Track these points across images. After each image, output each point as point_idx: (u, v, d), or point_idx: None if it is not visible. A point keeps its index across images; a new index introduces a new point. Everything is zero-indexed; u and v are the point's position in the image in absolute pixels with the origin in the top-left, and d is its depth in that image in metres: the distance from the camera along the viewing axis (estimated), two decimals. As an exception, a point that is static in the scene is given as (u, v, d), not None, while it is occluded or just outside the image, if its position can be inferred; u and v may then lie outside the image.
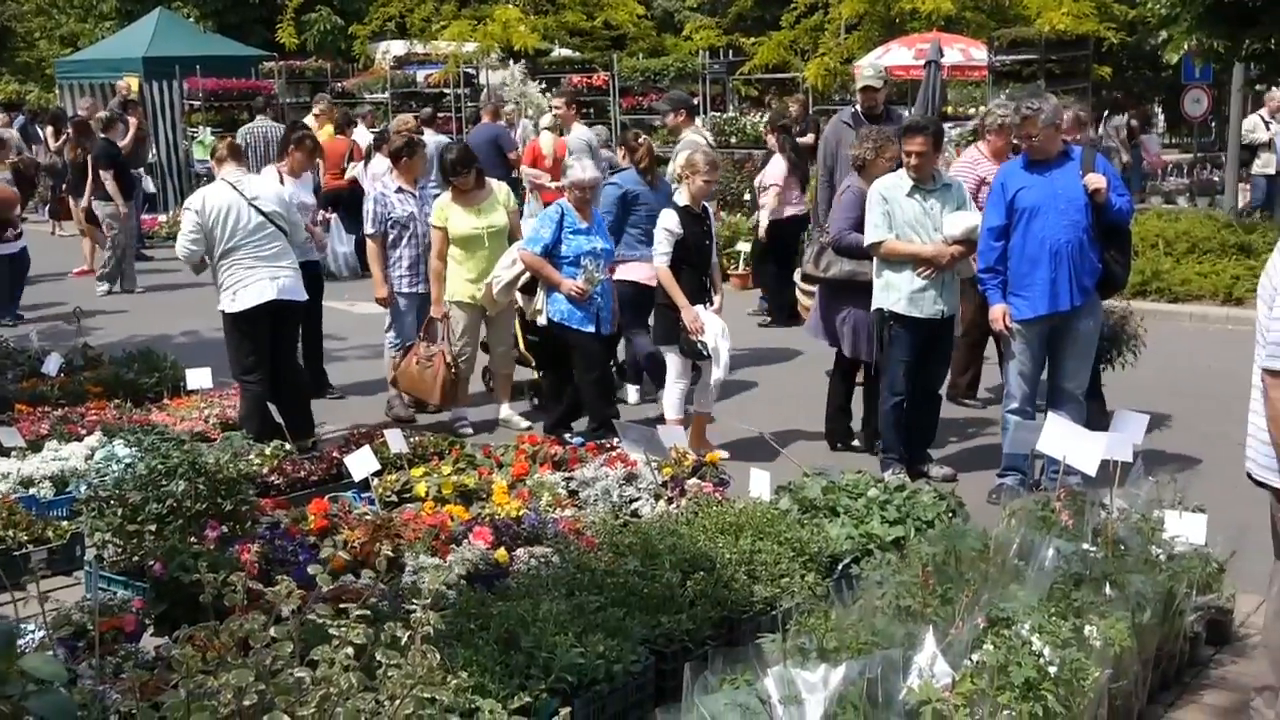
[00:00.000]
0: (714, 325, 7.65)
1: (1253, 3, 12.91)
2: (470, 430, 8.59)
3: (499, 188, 8.80)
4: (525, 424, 8.57)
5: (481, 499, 6.36)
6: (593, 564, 5.15)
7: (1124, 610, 4.35)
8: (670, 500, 6.25)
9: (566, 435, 7.91)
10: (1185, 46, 14.10)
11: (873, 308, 7.30)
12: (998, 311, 6.86)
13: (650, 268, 7.97)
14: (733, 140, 18.45)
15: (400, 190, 8.80)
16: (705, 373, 7.78)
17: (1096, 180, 6.70)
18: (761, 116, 19.29)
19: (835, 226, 7.66)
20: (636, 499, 6.29)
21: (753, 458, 7.35)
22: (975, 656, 3.77)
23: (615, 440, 7.42)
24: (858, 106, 9.34)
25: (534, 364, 8.97)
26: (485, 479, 6.62)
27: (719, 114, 19.28)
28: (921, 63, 15.44)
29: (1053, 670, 3.76)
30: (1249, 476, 4.24)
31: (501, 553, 5.41)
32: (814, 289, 8.19)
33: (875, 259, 7.23)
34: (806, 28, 20.77)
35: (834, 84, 19.22)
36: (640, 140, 9.21)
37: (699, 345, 7.57)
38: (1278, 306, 4.01)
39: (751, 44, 21.22)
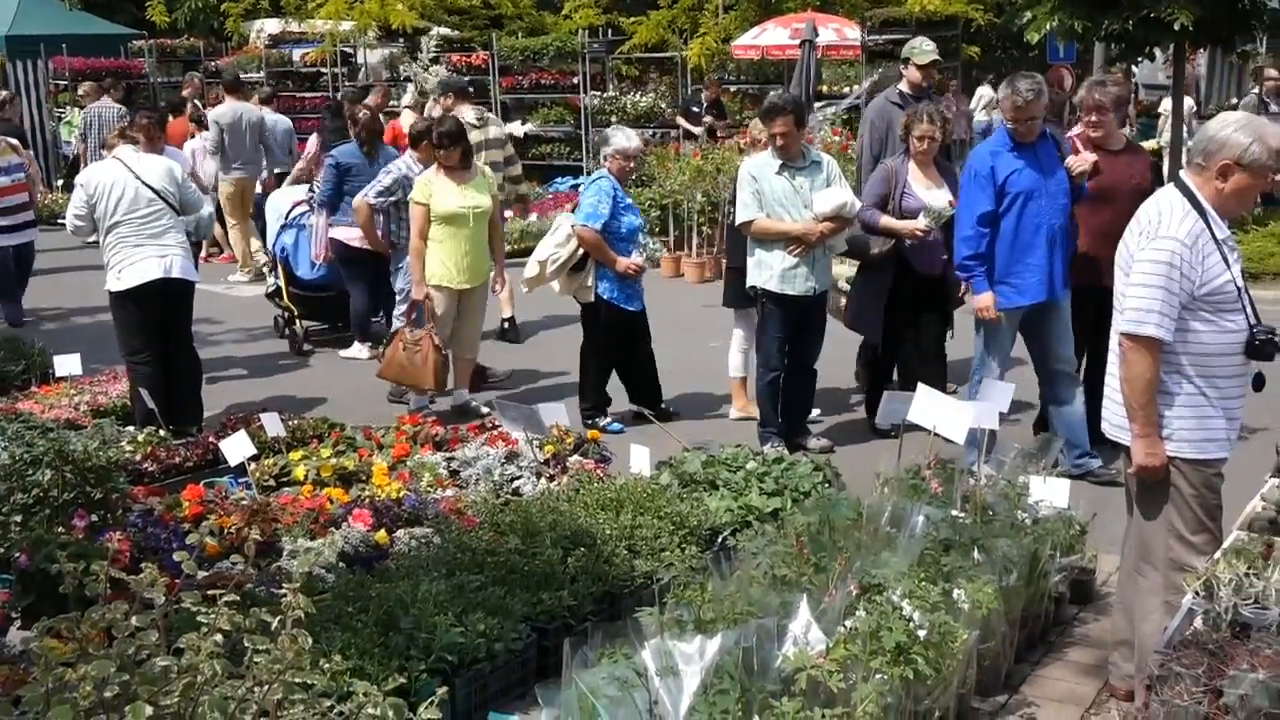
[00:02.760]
0: None
1: (1111, -16, 13.23)
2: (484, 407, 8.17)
3: (486, 169, 8.53)
4: (487, 410, 8.14)
5: (362, 481, 6.27)
6: (474, 543, 5.12)
7: (991, 574, 4.44)
8: (552, 478, 6.23)
9: (604, 422, 7.77)
10: (1047, 27, 14.38)
11: (747, 285, 7.34)
12: (986, 300, 6.59)
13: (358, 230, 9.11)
14: (612, 119, 18.42)
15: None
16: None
17: (1081, 163, 6.63)
18: (640, 95, 19.31)
19: (863, 203, 7.43)
20: (518, 477, 6.26)
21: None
22: (848, 623, 3.82)
23: (605, 420, 7.77)
24: (904, 86, 8.42)
25: (297, 313, 9.96)
26: (365, 461, 6.53)
27: (599, 93, 19.19)
28: (797, 42, 15.59)
29: (922, 634, 3.83)
30: (1104, 434, 4.38)
31: (382, 534, 5.35)
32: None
33: (748, 238, 7.25)
34: (684, 7, 20.80)
35: (713, 64, 19.28)
36: (361, 114, 9.97)
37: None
38: (1134, 274, 4.13)
39: (630, 23, 21.16)
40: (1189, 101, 18.93)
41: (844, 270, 8.32)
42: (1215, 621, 3.08)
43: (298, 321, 10.46)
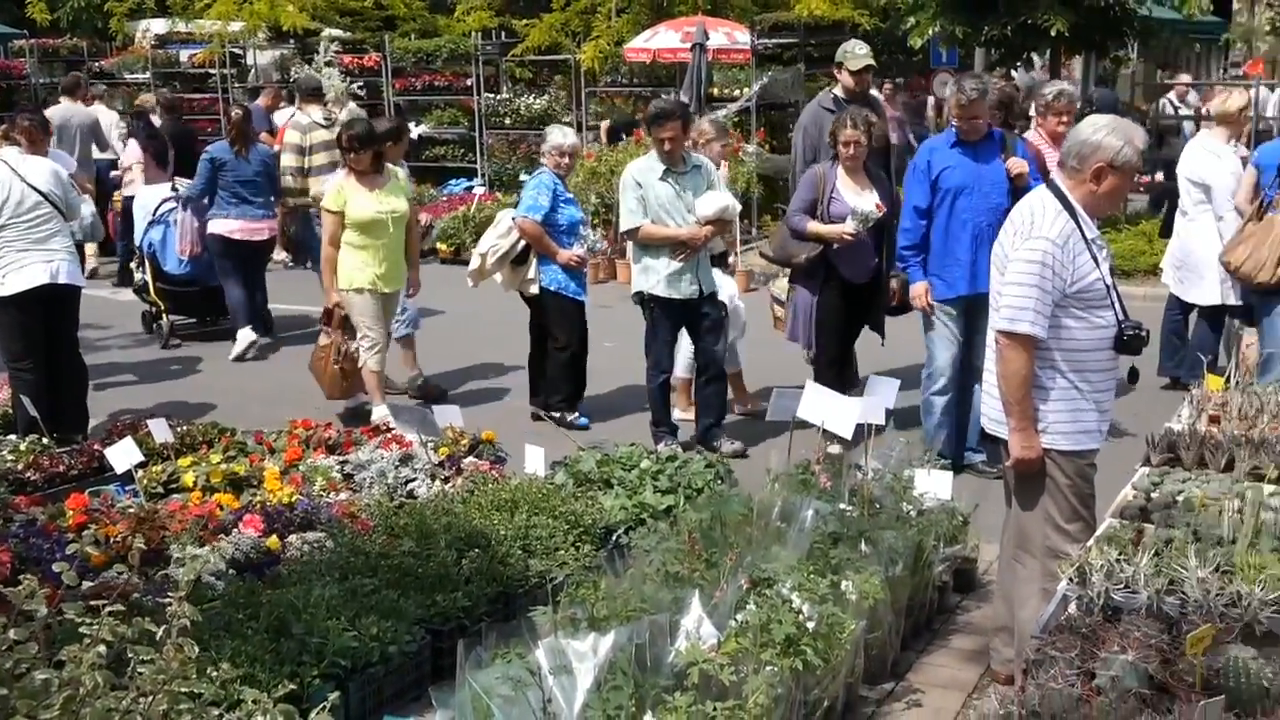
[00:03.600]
0: (728, 287, 7.80)
1: (990, -9, 13.59)
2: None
3: (400, 172, 8.33)
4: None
5: (253, 487, 6.15)
6: (367, 547, 5.06)
7: (878, 565, 4.52)
8: (447, 480, 6.18)
9: (571, 416, 7.86)
10: (930, 32, 14.69)
11: (632, 291, 7.35)
12: (919, 289, 6.83)
13: (236, 223, 9.93)
14: (507, 121, 18.37)
15: None
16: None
17: (1020, 165, 6.75)
18: (535, 98, 19.22)
19: (790, 209, 7.47)
20: (412, 480, 6.20)
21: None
22: (740, 617, 3.86)
23: (574, 416, 7.91)
24: (838, 91, 8.06)
25: (164, 308, 10.29)
26: (257, 466, 6.41)
27: (493, 95, 19.08)
28: (688, 45, 15.69)
29: (811, 625, 3.88)
30: (982, 429, 4.48)
31: (273, 540, 5.26)
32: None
33: (632, 244, 7.26)
34: (577, 10, 20.79)
35: (606, 66, 19.30)
36: (235, 115, 10.53)
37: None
38: (1009, 273, 4.24)
39: (524, 26, 21.09)
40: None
41: (783, 282, 8.28)
42: (1088, 606, 3.17)
43: (164, 316, 10.63)
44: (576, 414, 7.99)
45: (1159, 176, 15.33)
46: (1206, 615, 2.98)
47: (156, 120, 13.44)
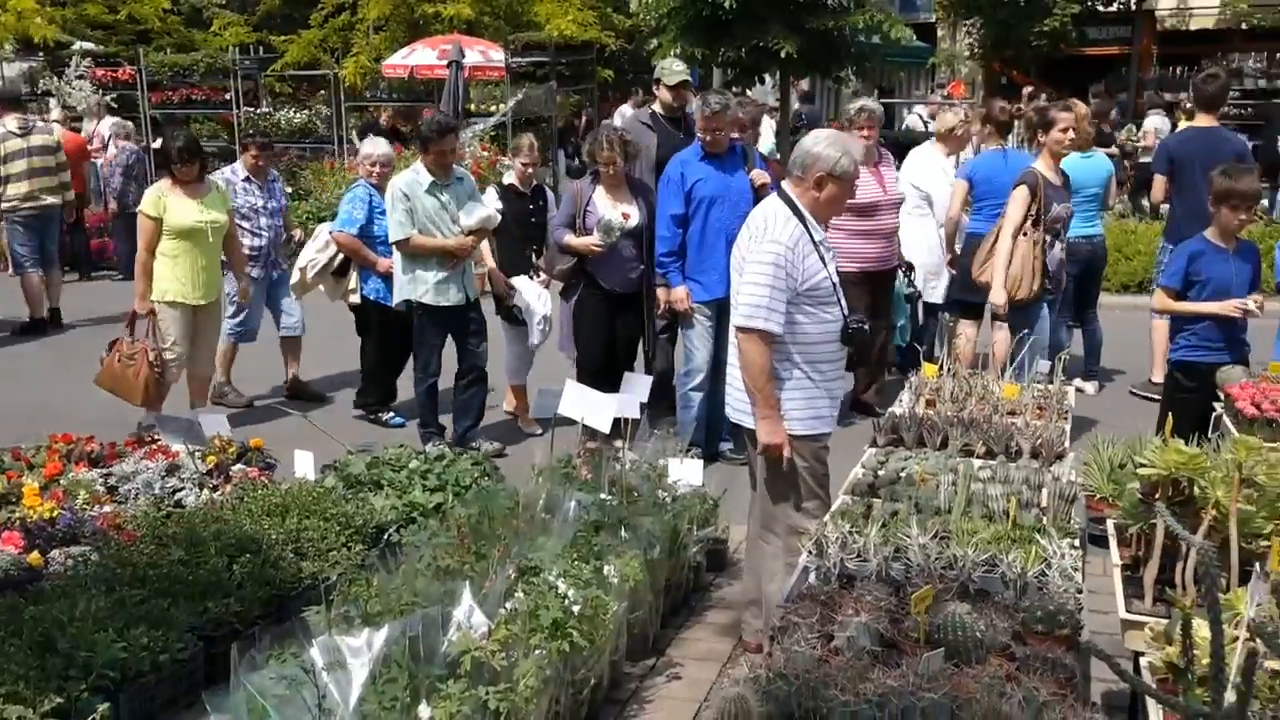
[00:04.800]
0: (530, 292, 7.60)
1: (726, 16, 13.96)
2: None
3: (220, 184, 7.92)
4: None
5: (12, 503, 5.73)
6: (135, 558, 4.79)
7: (637, 549, 4.59)
8: (215, 488, 5.93)
9: (385, 416, 8.02)
10: (672, 53, 14.99)
11: (397, 300, 7.25)
12: (680, 293, 6.92)
13: None
14: (249, 135, 17.76)
15: (248, 179, 8.39)
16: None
17: (762, 176, 6.93)
18: (295, 112, 18.67)
19: (554, 223, 7.37)
20: (180, 489, 5.92)
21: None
22: (509, 605, 3.85)
23: (389, 415, 8.05)
24: (656, 107, 7.89)
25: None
26: (15, 482, 5.98)
27: (252, 109, 18.42)
28: (445, 63, 15.55)
29: (576, 609, 3.91)
30: (728, 418, 4.63)
31: (35, 556, 4.92)
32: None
33: (400, 255, 7.12)
34: (335, 27, 20.32)
35: (366, 82, 18.92)
36: None
37: (513, 309, 7.61)
38: (746, 274, 4.38)
39: (282, 42, 20.46)
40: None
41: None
42: (826, 575, 3.31)
43: None
44: (391, 414, 8.07)
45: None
46: (928, 577, 3.16)
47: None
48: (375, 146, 8.11)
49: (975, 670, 2.65)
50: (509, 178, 7.87)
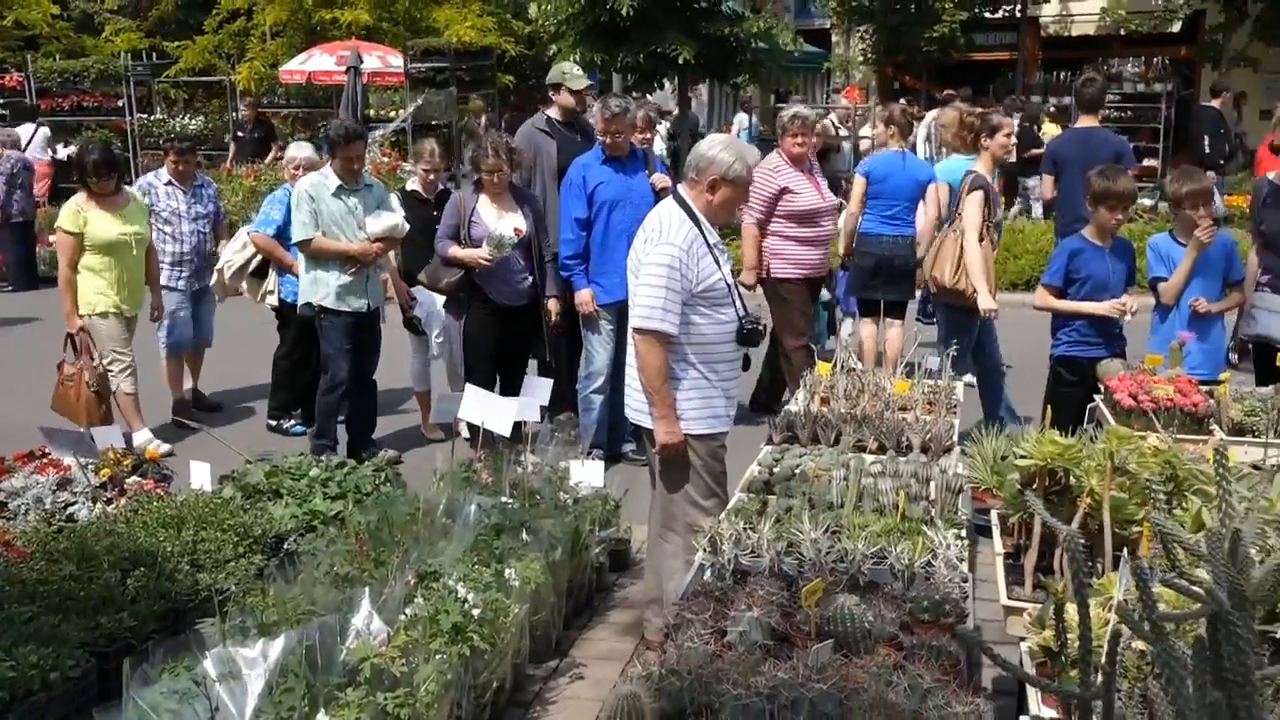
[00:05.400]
0: (431, 300, 7.52)
1: (623, 22, 14.02)
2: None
3: (137, 194, 7.71)
4: (167, 447, 7.34)
5: (-108, 523, 5.53)
6: (23, 574, 4.64)
7: (539, 551, 4.59)
8: (109, 501, 5.77)
9: (287, 424, 7.97)
10: (571, 58, 15.01)
11: (300, 302, 7.14)
12: (584, 295, 6.87)
13: None
14: (161, 141, 17.36)
15: (170, 184, 8.12)
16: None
17: (663, 180, 6.91)
18: (190, 118, 18.28)
19: (439, 235, 7.12)
20: (72, 504, 5.75)
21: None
22: (409, 611, 3.82)
23: (290, 423, 7.96)
24: (553, 113, 7.62)
25: None
26: (-104, 502, 5.76)
27: (146, 115, 17.99)
28: (343, 68, 15.36)
29: (476, 613, 3.89)
30: (627, 418, 4.65)
31: (-84, 576, 4.75)
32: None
33: (303, 257, 7.05)
34: (230, 33, 19.94)
35: (263, 88, 18.60)
36: None
37: (413, 320, 7.55)
38: (641, 276, 4.40)
39: (175, 48, 20.01)
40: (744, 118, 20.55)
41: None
42: (720, 572, 3.34)
43: None
44: (293, 421, 7.98)
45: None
46: (819, 571, 3.20)
47: None
48: (299, 150, 8.03)
49: (864, 660, 2.70)
50: (412, 184, 7.80)
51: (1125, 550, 2.86)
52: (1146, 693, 2.11)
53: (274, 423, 8.00)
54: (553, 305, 7.04)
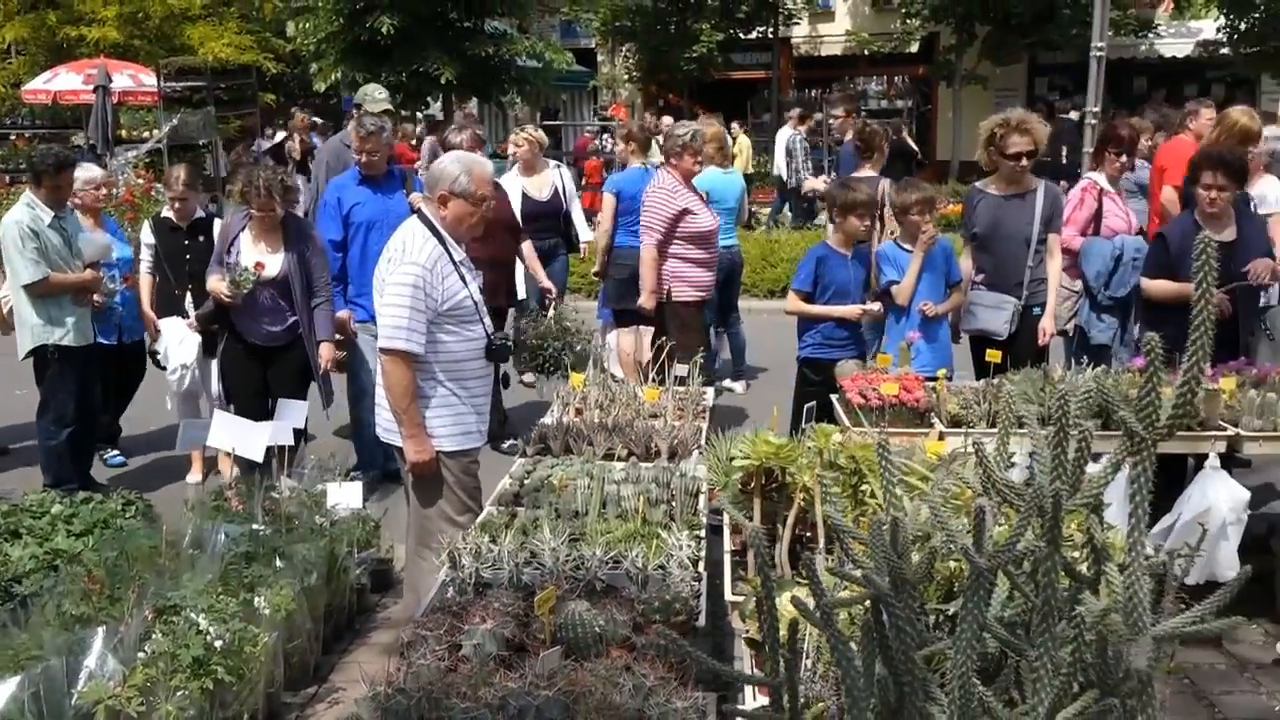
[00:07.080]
0: (174, 336, 7.00)
1: (385, 41, 13.83)
2: None
3: None
4: None
5: None
6: None
7: (292, 577, 4.46)
8: None
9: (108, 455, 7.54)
10: (333, 77, 14.72)
11: (31, 345, 6.58)
12: (344, 316, 6.68)
13: None
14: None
15: None
16: None
17: (420, 199, 6.67)
18: None
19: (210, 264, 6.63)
20: None
21: None
22: (148, 648, 3.66)
23: (110, 454, 7.54)
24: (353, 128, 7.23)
25: None
26: None
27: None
28: (91, 88, 14.59)
29: (220, 644, 3.76)
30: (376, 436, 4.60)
31: None
32: None
33: (25, 298, 6.52)
34: (-33, 50, 18.66)
35: (5, 108, 17.48)
36: None
37: (153, 354, 7.15)
38: (386, 296, 4.35)
39: (-94, 65, 18.59)
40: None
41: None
42: (461, 586, 3.33)
43: None
44: (114, 452, 7.63)
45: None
46: (557, 579, 3.23)
47: None
48: (86, 171, 7.22)
49: (594, 664, 2.74)
50: (166, 210, 7.44)
51: (821, 542, 3.00)
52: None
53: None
54: (324, 351, 6.40)
